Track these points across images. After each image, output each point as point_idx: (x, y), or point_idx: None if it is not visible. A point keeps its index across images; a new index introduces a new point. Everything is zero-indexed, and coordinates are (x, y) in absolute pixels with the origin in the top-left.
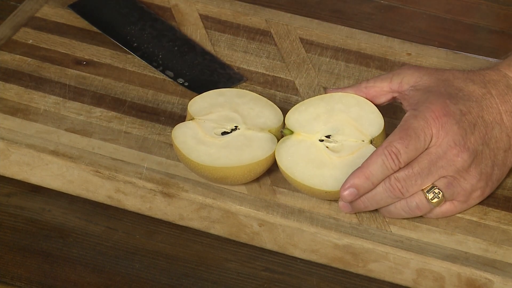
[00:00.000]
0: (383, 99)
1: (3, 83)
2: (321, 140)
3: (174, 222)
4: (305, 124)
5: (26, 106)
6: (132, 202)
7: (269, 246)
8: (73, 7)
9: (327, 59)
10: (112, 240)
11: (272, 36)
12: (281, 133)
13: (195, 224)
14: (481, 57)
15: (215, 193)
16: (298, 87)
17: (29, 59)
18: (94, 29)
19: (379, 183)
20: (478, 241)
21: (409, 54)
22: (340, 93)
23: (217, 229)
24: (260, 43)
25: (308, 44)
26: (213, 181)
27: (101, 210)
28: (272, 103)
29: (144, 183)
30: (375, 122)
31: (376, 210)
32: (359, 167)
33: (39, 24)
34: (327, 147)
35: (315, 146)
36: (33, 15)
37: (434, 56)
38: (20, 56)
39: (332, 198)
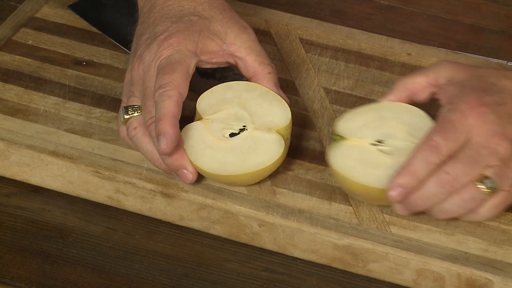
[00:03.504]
0: (423, 95)
1: (3, 83)
2: (373, 145)
3: (174, 222)
4: (355, 130)
5: (26, 107)
6: (132, 202)
7: (269, 246)
8: (73, 7)
9: (327, 59)
10: (112, 240)
11: (272, 36)
12: (332, 139)
13: (195, 224)
14: (481, 57)
15: (215, 193)
16: (298, 87)
17: (29, 60)
18: (94, 29)
19: (424, 179)
20: (478, 241)
21: (409, 54)
22: (388, 102)
23: (217, 230)
24: (260, 43)
25: (308, 44)
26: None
27: (101, 211)
28: (281, 99)
29: (144, 183)
30: (426, 126)
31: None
32: (401, 166)
33: (39, 25)
34: (379, 150)
35: (368, 150)
36: (33, 16)
37: (434, 56)
38: (20, 57)
39: (386, 200)
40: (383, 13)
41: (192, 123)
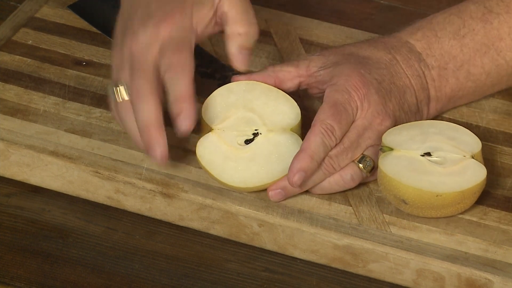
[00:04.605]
0: (289, 84)
1: (3, 83)
2: (422, 156)
3: (174, 222)
4: (402, 143)
5: (26, 107)
6: (132, 202)
7: (269, 246)
8: (73, 7)
9: None
10: (112, 241)
11: (272, 36)
12: (380, 150)
13: (195, 224)
14: None
15: (215, 193)
16: None
17: (29, 60)
18: (94, 29)
19: (322, 162)
20: (478, 241)
21: None
22: (430, 121)
23: (217, 230)
24: (260, 43)
25: (308, 44)
26: None
27: (101, 211)
28: (286, 94)
29: (143, 183)
30: (472, 142)
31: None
32: (300, 150)
33: (38, 25)
34: (429, 160)
35: (418, 159)
36: (33, 16)
37: None
38: (20, 57)
39: (441, 204)
40: (383, 13)
41: (204, 136)
